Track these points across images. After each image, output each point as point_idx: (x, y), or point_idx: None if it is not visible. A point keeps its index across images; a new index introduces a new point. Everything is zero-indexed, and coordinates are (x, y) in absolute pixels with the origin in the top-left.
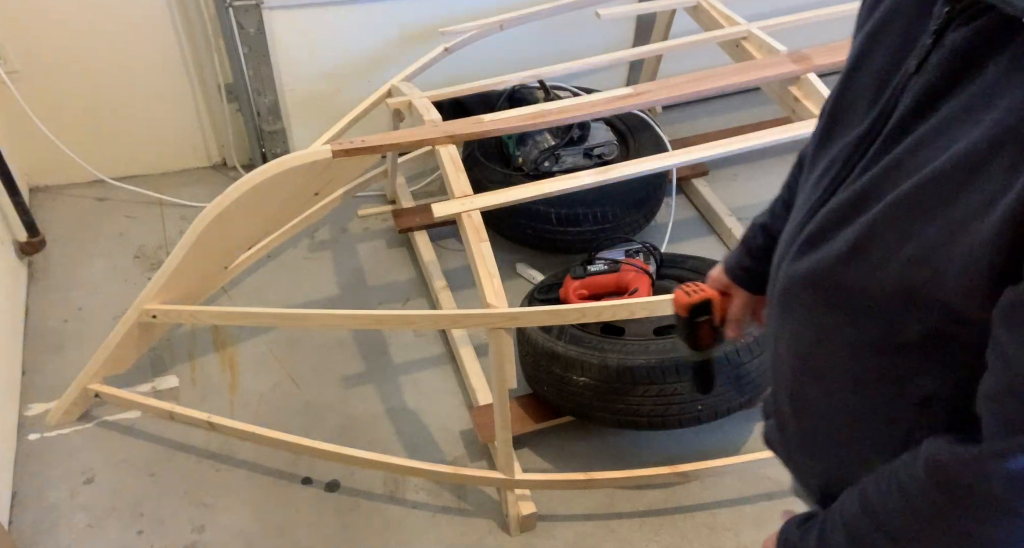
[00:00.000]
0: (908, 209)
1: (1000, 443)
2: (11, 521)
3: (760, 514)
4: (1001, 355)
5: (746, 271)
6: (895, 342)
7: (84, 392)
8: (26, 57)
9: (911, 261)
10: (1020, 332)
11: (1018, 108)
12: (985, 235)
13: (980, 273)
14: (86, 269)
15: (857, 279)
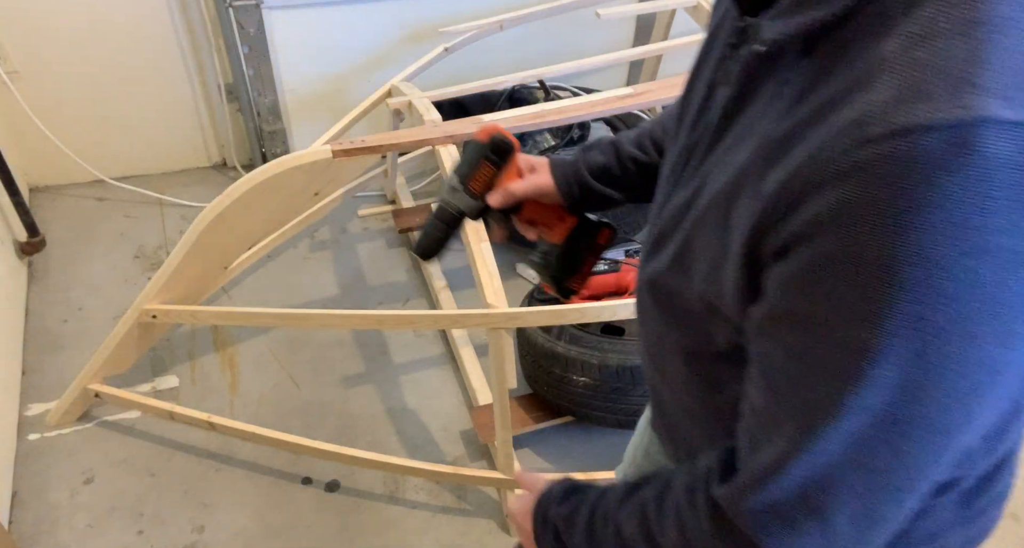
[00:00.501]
0: (702, 226)
1: (745, 474)
2: (11, 521)
3: None
4: (747, 376)
5: (580, 188)
6: (710, 350)
7: (84, 392)
8: (26, 57)
9: (706, 277)
10: (760, 350)
11: (759, 144)
12: (734, 259)
13: (738, 294)
14: (86, 269)
15: (678, 287)
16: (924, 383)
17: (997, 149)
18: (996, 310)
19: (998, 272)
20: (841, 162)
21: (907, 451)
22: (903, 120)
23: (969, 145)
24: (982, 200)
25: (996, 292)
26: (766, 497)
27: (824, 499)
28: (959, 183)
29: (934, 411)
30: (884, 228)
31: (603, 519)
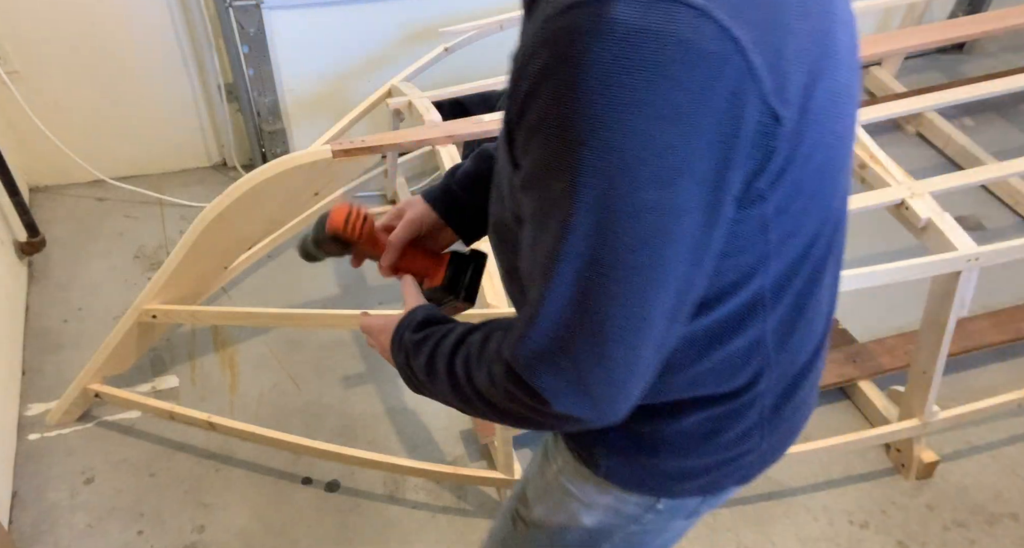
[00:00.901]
0: (501, 148)
1: (516, 328)
2: (11, 521)
3: (760, 514)
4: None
5: (449, 198)
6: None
7: (84, 392)
8: (26, 57)
9: (505, 197)
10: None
11: (517, 54)
12: (503, 139)
13: (509, 171)
14: (86, 269)
15: (502, 215)
16: (611, 226)
17: (626, 16)
18: (648, 157)
19: (645, 123)
20: (540, 34)
21: (617, 292)
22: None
23: (605, 15)
24: (623, 61)
25: (647, 140)
26: (529, 345)
27: (569, 343)
28: (603, 47)
29: (626, 252)
30: (559, 92)
31: (441, 354)
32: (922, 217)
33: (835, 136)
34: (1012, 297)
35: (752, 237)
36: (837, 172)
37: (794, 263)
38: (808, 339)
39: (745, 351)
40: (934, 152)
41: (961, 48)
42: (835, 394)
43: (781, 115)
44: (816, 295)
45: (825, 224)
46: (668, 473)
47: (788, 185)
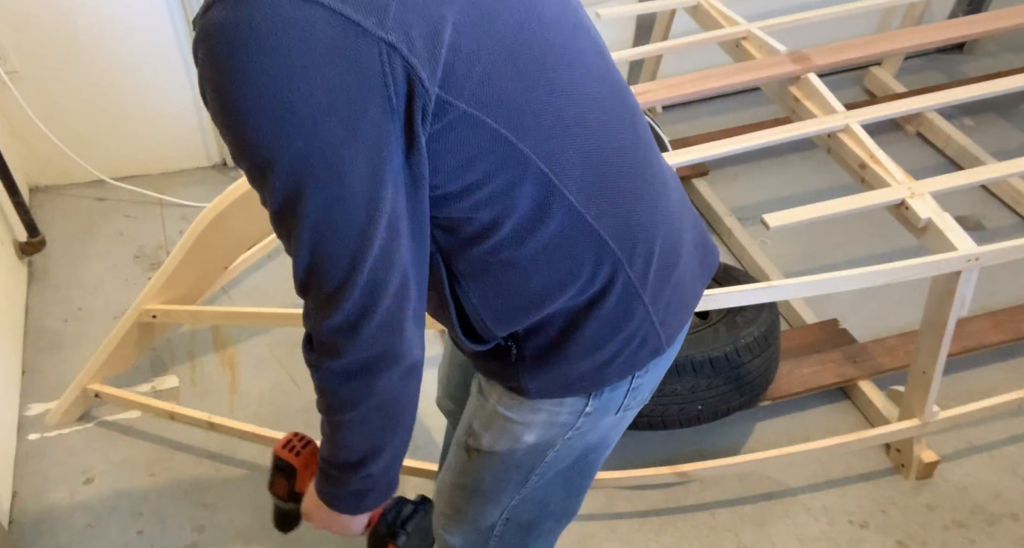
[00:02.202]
0: None
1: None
2: (11, 521)
3: (760, 514)
4: None
5: None
6: None
7: (84, 392)
8: (26, 57)
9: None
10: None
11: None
12: None
13: None
14: (86, 269)
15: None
16: (299, 176)
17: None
18: (286, 114)
19: (279, 83)
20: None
21: (335, 228)
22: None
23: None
24: (241, 38)
25: (285, 96)
26: (306, 308)
27: (313, 282)
28: (224, 34)
29: (321, 190)
30: (216, 78)
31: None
32: (922, 217)
33: (513, 26)
34: (1012, 297)
35: (471, 139)
36: (551, 59)
37: (558, 143)
38: (642, 202)
39: (568, 238)
40: (934, 152)
41: (961, 48)
42: (835, 394)
43: (391, 40)
44: (621, 168)
45: (579, 98)
46: (584, 372)
47: (471, 82)
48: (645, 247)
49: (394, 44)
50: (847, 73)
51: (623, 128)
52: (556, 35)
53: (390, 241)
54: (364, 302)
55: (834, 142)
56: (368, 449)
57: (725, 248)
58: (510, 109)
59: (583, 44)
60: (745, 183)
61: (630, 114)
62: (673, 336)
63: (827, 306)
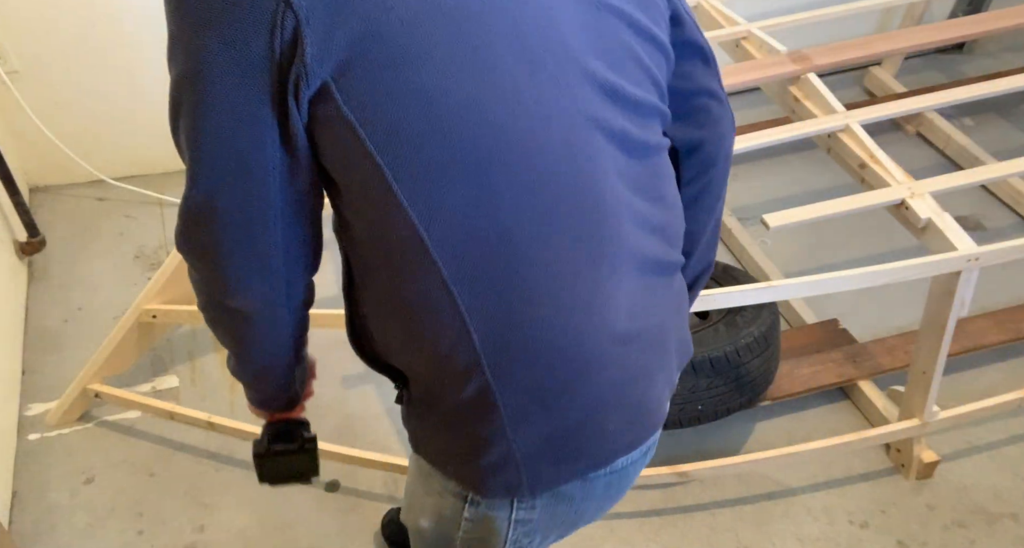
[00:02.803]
0: None
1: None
2: (11, 521)
3: (760, 514)
4: None
5: None
6: None
7: (84, 392)
8: (26, 57)
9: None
10: None
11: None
12: None
13: None
14: (86, 269)
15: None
16: (177, 53)
17: None
18: (184, 25)
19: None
20: None
21: (195, 138)
22: None
23: None
24: None
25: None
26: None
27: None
28: None
29: (194, 104)
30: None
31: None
32: (922, 217)
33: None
34: (1012, 297)
35: (346, 145)
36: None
37: (444, 201)
38: (547, 311)
39: (427, 304)
40: (934, 152)
41: (961, 48)
42: (835, 394)
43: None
44: (533, 259)
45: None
46: (442, 446)
47: (367, 99)
48: (521, 368)
49: (292, 4)
50: (847, 73)
51: (566, 194)
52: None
53: (242, 176)
54: (202, 209)
55: (834, 142)
56: (230, 349)
57: (725, 248)
58: (398, 143)
59: (577, 36)
60: (745, 183)
61: (598, 175)
62: (544, 484)
63: (827, 306)
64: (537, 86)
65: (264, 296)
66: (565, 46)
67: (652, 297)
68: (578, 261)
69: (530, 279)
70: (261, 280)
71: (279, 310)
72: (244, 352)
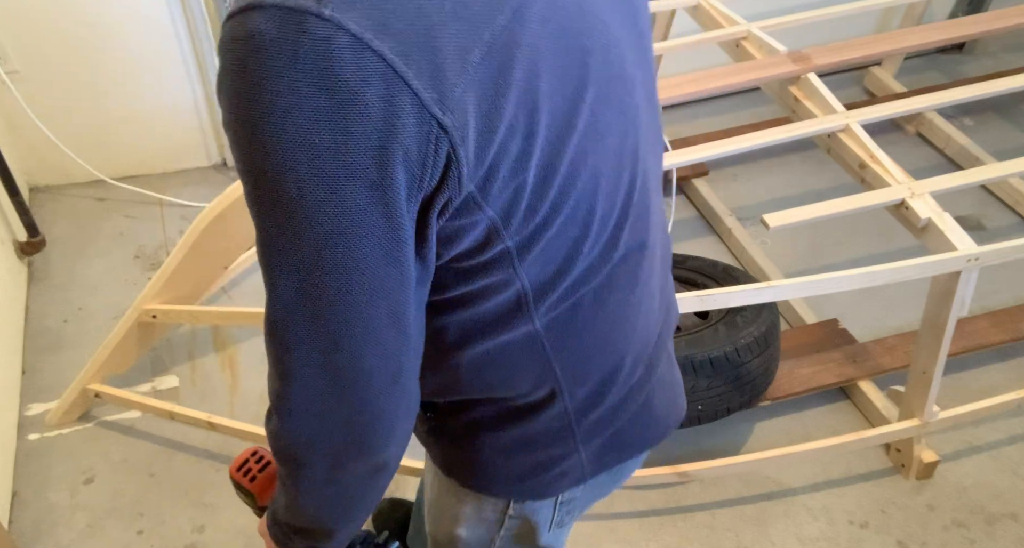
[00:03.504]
0: None
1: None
2: (11, 521)
3: (760, 514)
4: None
5: None
6: None
7: (84, 392)
8: (26, 57)
9: None
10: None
11: None
12: None
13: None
14: (86, 269)
15: None
16: (301, 218)
17: (264, 27)
18: (306, 158)
19: (294, 127)
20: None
21: (324, 297)
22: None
23: (246, 25)
24: (268, 68)
25: (300, 142)
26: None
27: (286, 339)
28: (249, 55)
29: (316, 251)
30: (227, 97)
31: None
32: (922, 217)
33: (590, 147)
34: (1012, 297)
35: (477, 240)
36: (600, 178)
37: (558, 267)
38: (612, 345)
39: (517, 352)
40: (934, 152)
41: (961, 48)
42: (835, 394)
43: (445, 123)
44: (608, 300)
45: (601, 229)
46: (492, 473)
47: (506, 193)
48: (597, 387)
49: (447, 128)
50: (847, 73)
51: (637, 252)
52: (616, 106)
53: (387, 327)
54: (345, 374)
55: (834, 142)
56: (315, 524)
57: (725, 248)
58: (531, 230)
59: (640, 110)
60: (745, 183)
61: (652, 227)
62: (606, 467)
63: (827, 306)
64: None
65: (402, 442)
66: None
67: (665, 278)
68: (639, 280)
69: (607, 319)
70: (407, 415)
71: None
72: (357, 515)
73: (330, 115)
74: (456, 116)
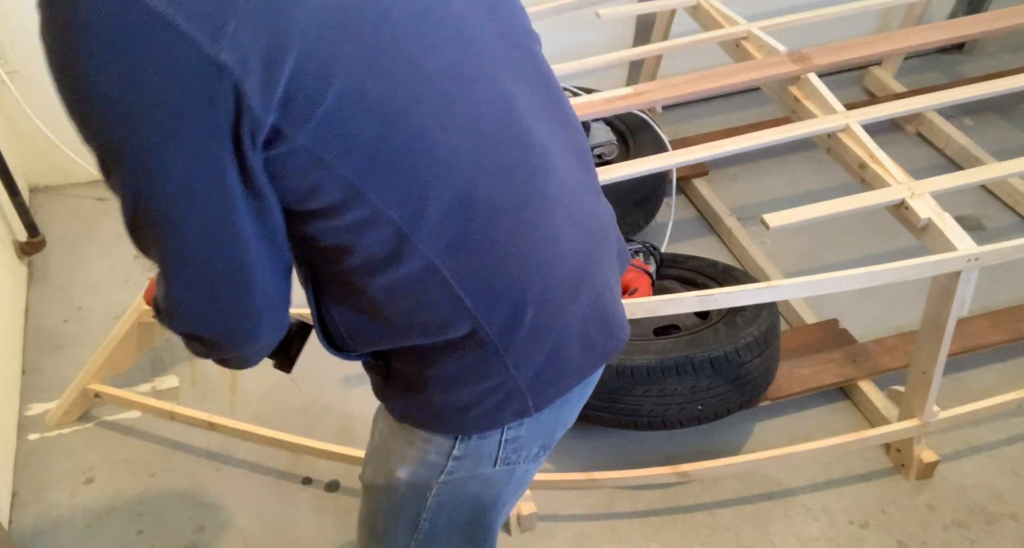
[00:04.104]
0: None
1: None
2: (11, 521)
3: (760, 514)
4: None
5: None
6: None
7: (84, 392)
8: (26, 57)
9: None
10: None
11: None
12: None
13: None
14: (86, 269)
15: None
16: (126, 154)
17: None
18: (116, 109)
19: (112, 85)
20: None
21: (181, 234)
22: None
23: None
24: (87, 35)
25: (111, 94)
26: (168, 301)
27: (187, 292)
28: (68, 23)
29: (136, 176)
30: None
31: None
32: (922, 217)
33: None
34: (1012, 297)
35: (311, 173)
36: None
37: (421, 193)
38: (514, 268)
39: (419, 284)
40: (934, 152)
41: (961, 48)
42: (835, 394)
43: (220, 60)
44: (497, 223)
45: (458, 155)
46: (443, 410)
47: (312, 119)
48: (509, 310)
49: (225, 65)
50: (847, 73)
51: (519, 171)
52: (453, 39)
53: (225, 245)
54: (194, 291)
55: (834, 142)
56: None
57: (725, 248)
58: (357, 153)
59: (497, 53)
60: (745, 183)
61: (537, 151)
62: (548, 401)
63: (827, 306)
64: (529, 76)
65: (262, 343)
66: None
67: (589, 203)
68: (531, 200)
69: (504, 234)
70: (271, 327)
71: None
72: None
73: (121, 66)
74: (232, 53)
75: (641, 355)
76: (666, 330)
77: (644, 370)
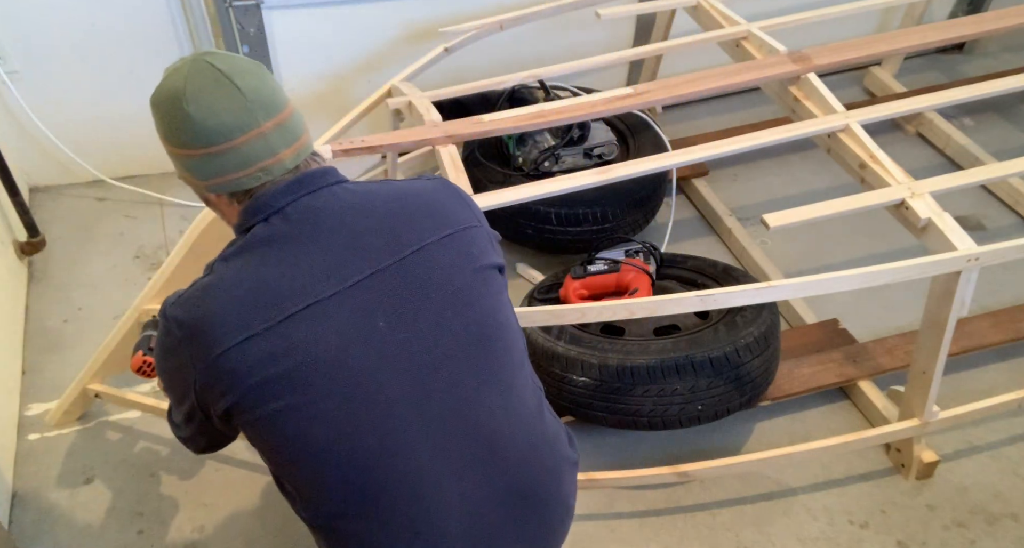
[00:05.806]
0: None
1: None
2: (11, 521)
3: (760, 514)
4: None
5: None
6: None
7: (84, 392)
8: (26, 57)
9: None
10: None
11: None
12: None
13: None
14: (86, 269)
15: None
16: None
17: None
18: (169, 376)
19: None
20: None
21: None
22: None
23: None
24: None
25: (165, 371)
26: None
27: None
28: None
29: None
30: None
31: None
32: (922, 217)
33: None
34: (1012, 297)
35: (265, 435)
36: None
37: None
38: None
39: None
40: (934, 152)
41: (961, 48)
42: (835, 394)
43: (198, 383)
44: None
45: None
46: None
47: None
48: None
49: (196, 381)
50: (847, 73)
51: (419, 447)
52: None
53: (196, 428)
54: (187, 442)
55: (834, 142)
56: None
57: (725, 248)
58: (285, 447)
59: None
60: (745, 183)
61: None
62: None
63: (827, 306)
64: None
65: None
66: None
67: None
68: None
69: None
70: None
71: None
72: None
73: (168, 360)
74: (205, 378)
75: (641, 355)
76: (666, 330)
77: (644, 370)
